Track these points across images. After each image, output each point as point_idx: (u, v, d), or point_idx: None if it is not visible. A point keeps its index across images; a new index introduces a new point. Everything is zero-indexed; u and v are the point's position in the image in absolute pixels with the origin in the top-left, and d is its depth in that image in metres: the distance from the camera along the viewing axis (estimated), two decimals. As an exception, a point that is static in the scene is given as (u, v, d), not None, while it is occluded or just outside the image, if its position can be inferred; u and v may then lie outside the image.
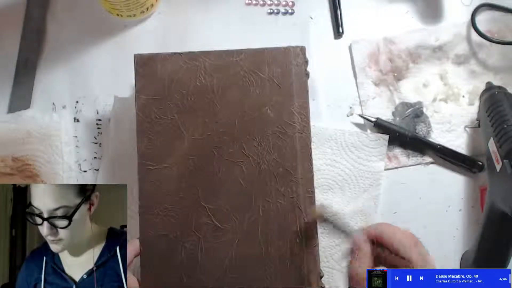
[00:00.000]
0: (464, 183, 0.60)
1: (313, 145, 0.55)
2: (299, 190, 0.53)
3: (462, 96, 0.63)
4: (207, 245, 0.52)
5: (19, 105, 0.62)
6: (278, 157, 0.53)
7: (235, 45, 0.56)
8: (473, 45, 0.65)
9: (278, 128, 0.54)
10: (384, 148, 0.60)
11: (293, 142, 0.53)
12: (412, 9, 0.67)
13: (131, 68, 0.55)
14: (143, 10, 0.64)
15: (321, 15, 0.66)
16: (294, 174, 0.53)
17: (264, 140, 0.53)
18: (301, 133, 0.54)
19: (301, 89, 0.55)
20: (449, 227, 0.59)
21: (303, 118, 0.54)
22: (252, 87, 0.54)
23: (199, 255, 0.52)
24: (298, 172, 0.53)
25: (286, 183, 0.53)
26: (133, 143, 0.54)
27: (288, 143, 0.53)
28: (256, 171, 0.53)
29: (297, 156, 0.53)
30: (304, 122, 0.54)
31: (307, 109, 0.54)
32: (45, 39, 0.65)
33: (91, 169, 0.61)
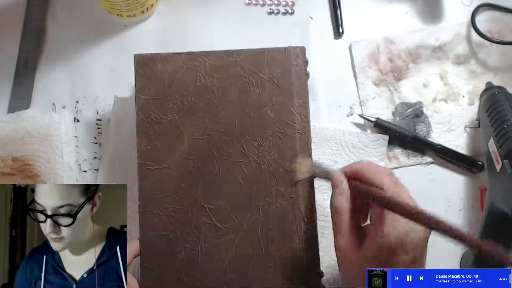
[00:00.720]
0: (464, 183, 0.60)
1: (313, 145, 0.55)
2: (299, 190, 0.53)
3: (462, 96, 0.63)
4: (207, 245, 0.52)
5: (19, 105, 0.62)
6: (278, 157, 0.53)
7: (235, 45, 0.56)
8: (473, 45, 0.65)
9: (278, 128, 0.54)
10: (384, 149, 0.60)
11: (293, 142, 0.53)
12: (412, 9, 0.67)
13: (131, 68, 0.55)
14: (143, 10, 0.64)
15: (321, 15, 0.66)
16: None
17: (264, 140, 0.53)
18: (301, 133, 0.54)
19: (301, 89, 0.55)
20: (449, 227, 0.59)
21: (303, 118, 0.54)
22: (252, 87, 0.54)
23: (199, 255, 0.52)
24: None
25: (286, 183, 0.53)
26: (133, 143, 0.54)
27: (288, 143, 0.53)
28: (256, 171, 0.53)
29: (297, 156, 0.53)
30: (304, 122, 0.54)
31: (307, 109, 0.54)
32: (45, 39, 0.65)
33: (91, 169, 0.61)
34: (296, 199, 0.52)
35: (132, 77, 0.55)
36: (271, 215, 0.52)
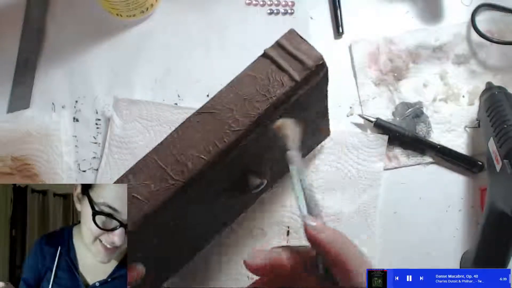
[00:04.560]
0: (464, 183, 0.60)
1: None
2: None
3: (462, 96, 0.63)
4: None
5: (19, 105, 0.62)
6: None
7: (235, 45, 0.56)
8: (473, 45, 0.65)
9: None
10: (383, 149, 0.60)
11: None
12: (412, 9, 0.67)
13: (131, 68, 0.55)
14: (143, 10, 0.64)
15: (321, 15, 0.66)
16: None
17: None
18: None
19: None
20: (449, 227, 0.59)
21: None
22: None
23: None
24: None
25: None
26: (132, 145, 0.54)
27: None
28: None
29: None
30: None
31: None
32: (45, 39, 0.65)
33: (91, 168, 0.61)
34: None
35: (132, 77, 0.55)
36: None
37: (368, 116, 0.61)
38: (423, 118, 0.62)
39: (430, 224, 0.59)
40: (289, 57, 0.44)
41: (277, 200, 0.58)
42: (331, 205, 0.58)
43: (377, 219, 0.58)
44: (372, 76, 0.63)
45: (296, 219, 0.57)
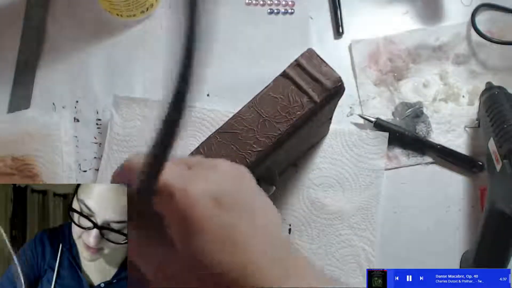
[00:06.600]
0: (464, 183, 0.60)
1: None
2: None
3: (462, 96, 0.63)
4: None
5: (19, 105, 0.62)
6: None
7: (235, 45, 0.56)
8: (473, 45, 0.65)
9: None
10: (384, 146, 0.60)
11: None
12: (412, 9, 0.67)
13: (131, 68, 0.55)
14: (143, 10, 0.64)
15: (321, 15, 0.66)
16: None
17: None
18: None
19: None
20: (449, 227, 0.59)
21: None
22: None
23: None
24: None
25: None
26: (133, 143, 0.54)
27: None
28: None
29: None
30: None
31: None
32: (45, 39, 0.65)
33: (91, 169, 0.61)
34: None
35: (132, 77, 0.55)
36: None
37: (368, 116, 0.61)
38: (423, 118, 0.62)
39: (430, 224, 0.59)
40: (308, 78, 0.46)
41: (279, 199, 0.58)
42: (332, 203, 0.58)
43: (379, 216, 0.58)
44: (372, 76, 0.63)
45: (298, 218, 0.57)
